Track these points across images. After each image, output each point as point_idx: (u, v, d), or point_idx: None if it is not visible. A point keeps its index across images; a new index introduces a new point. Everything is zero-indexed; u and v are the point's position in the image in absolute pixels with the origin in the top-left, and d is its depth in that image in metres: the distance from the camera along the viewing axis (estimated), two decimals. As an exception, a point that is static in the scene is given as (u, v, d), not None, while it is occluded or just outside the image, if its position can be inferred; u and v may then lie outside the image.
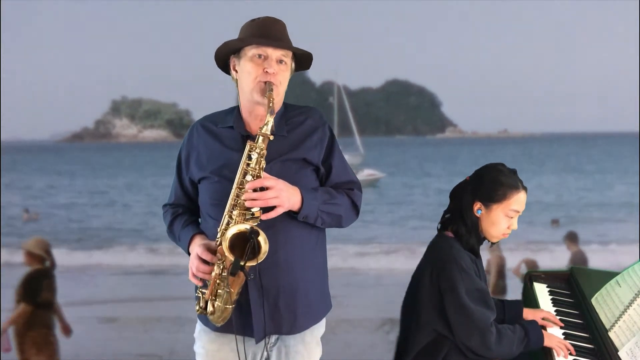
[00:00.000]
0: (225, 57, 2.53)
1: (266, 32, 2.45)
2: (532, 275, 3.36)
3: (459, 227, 2.75)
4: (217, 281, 2.35)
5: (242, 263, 2.24)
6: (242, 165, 2.35)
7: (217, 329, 2.50)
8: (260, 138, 2.34)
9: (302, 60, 2.57)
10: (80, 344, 7.52)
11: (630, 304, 2.74)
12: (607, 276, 3.01)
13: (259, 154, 2.33)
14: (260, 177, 2.33)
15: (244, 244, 2.27)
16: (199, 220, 2.64)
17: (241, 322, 2.45)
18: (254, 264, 2.27)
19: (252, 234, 2.26)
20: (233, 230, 2.29)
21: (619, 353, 2.62)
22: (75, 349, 7.14)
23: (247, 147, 2.35)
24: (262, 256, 2.27)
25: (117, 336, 8.21)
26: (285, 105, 2.58)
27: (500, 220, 2.73)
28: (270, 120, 2.34)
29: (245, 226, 2.29)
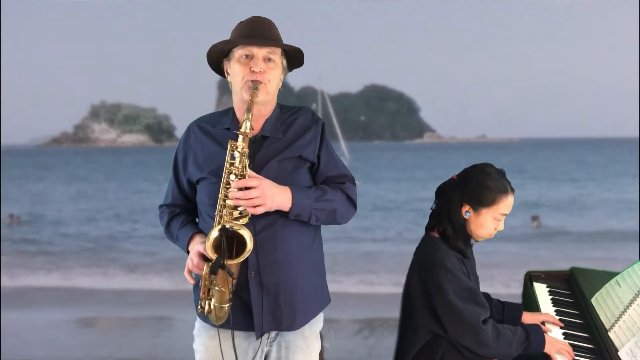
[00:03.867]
0: (218, 62, 2.57)
1: (252, 31, 2.48)
2: (532, 275, 3.34)
3: (446, 228, 2.73)
4: (209, 282, 2.36)
5: (222, 262, 2.26)
6: (226, 165, 2.38)
7: (216, 325, 2.50)
8: (240, 137, 2.35)
9: (293, 57, 2.58)
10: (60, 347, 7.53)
11: (630, 304, 2.74)
12: (607, 276, 3.00)
13: (240, 153, 2.35)
14: (245, 175, 2.35)
15: (232, 241, 2.30)
16: (197, 220, 2.65)
17: (241, 319, 2.47)
18: (239, 260, 2.30)
19: (222, 232, 2.30)
20: (215, 232, 2.32)
21: (619, 353, 2.61)
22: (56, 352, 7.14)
23: (229, 147, 2.37)
24: (246, 254, 2.30)
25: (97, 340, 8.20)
26: (279, 106, 2.61)
27: (489, 223, 2.73)
28: (248, 118, 2.36)
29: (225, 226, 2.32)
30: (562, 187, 37.19)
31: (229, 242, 2.30)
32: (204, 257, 2.40)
